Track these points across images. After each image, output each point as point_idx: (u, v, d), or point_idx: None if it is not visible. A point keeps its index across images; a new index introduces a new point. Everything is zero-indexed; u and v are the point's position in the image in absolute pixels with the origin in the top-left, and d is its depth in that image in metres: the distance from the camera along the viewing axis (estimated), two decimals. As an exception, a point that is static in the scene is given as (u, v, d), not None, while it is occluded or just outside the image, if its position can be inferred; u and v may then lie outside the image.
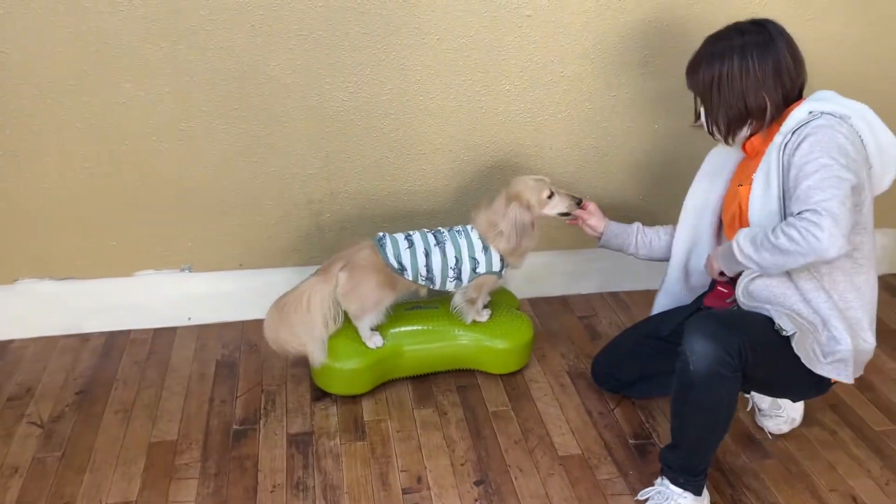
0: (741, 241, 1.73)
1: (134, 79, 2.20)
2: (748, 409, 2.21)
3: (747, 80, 1.75)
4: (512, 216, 2.11)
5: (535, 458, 2.04)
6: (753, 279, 1.80)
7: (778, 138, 1.73)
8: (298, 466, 2.00)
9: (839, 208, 1.57)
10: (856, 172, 1.63)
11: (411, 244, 2.16)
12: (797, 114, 1.73)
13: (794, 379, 1.82)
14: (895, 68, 2.60)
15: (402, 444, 2.09)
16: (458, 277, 2.20)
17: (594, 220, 2.21)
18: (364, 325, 2.19)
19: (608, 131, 2.53)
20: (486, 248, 2.18)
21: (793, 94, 1.79)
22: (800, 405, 2.14)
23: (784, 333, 1.74)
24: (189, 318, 2.60)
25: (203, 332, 2.57)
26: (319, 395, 2.27)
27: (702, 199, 2.07)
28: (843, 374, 1.77)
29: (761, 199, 1.76)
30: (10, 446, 2.05)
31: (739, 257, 1.73)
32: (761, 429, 2.15)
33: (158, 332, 2.56)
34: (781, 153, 1.70)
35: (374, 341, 2.20)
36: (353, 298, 2.16)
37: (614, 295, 2.82)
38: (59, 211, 2.36)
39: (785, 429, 2.13)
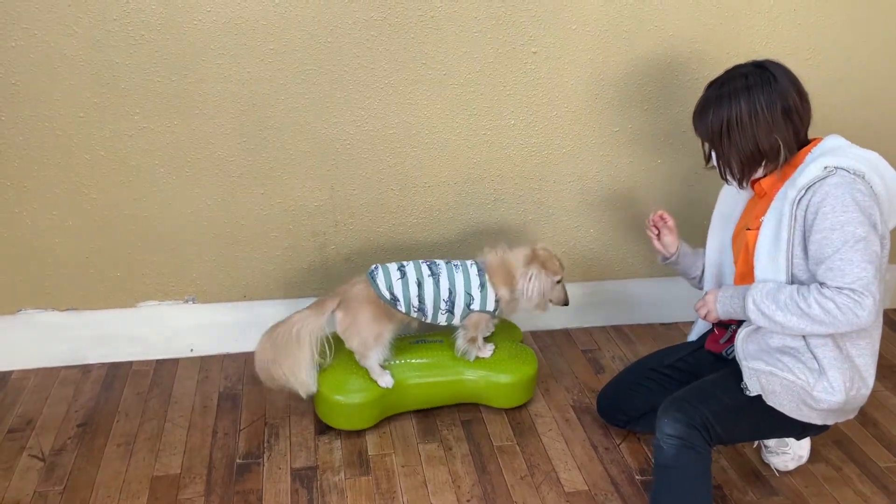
0: (758, 299, 1.73)
1: (143, 111, 2.22)
2: (754, 447, 2.20)
3: (757, 123, 1.74)
4: (535, 281, 2.14)
5: (541, 494, 2.03)
6: (757, 328, 1.81)
7: (791, 193, 1.71)
8: (303, 502, 1.98)
9: (876, 284, 1.61)
10: (879, 232, 1.65)
11: (403, 275, 2.16)
12: (812, 169, 1.70)
13: (784, 426, 1.85)
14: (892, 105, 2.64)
15: (408, 479, 2.07)
16: (451, 311, 2.19)
17: (671, 237, 2.14)
18: (372, 363, 2.18)
19: (612, 166, 2.56)
20: (482, 286, 2.18)
21: (803, 133, 1.79)
22: (806, 443, 2.14)
23: (748, 393, 1.81)
24: (191, 350, 2.59)
25: (205, 364, 2.56)
26: (323, 428, 2.25)
27: (718, 241, 2.06)
28: (828, 420, 1.82)
29: (769, 249, 1.75)
30: (10, 480, 2.03)
31: (752, 314, 1.74)
32: (768, 465, 2.14)
33: (160, 364, 2.55)
34: (795, 208, 1.69)
35: (385, 381, 2.19)
36: (352, 334, 2.16)
37: (617, 329, 2.83)
38: (64, 241, 2.36)
39: (791, 466, 2.12)
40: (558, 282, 2.20)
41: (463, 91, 2.36)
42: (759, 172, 1.82)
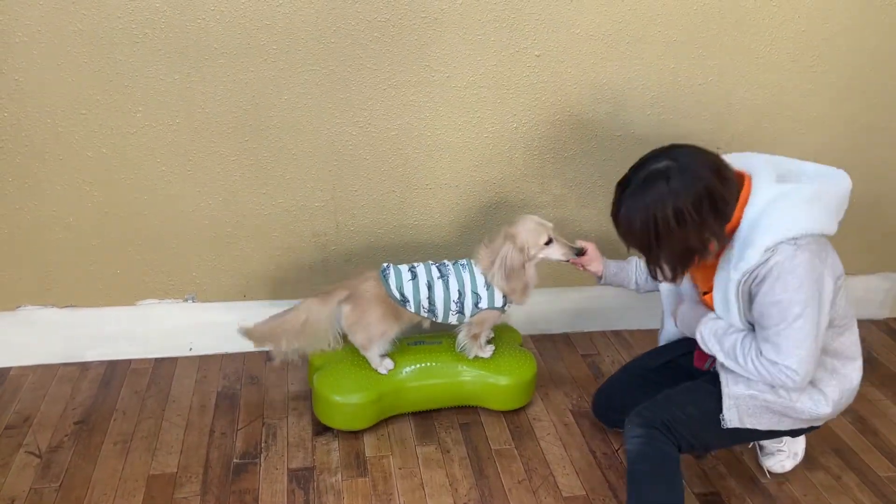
0: (706, 335, 1.83)
1: (146, 109, 2.22)
2: (749, 447, 2.20)
3: (685, 227, 1.65)
4: (502, 256, 2.12)
5: (539, 499, 2.02)
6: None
7: (734, 275, 1.69)
8: (299, 502, 1.98)
9: (810, 361, 1.68)
10: (820, 294, 1.67)
11: (414, 276, 2.17)
12: (752, 254, 1.65)
13: (765, 433, 1.88)
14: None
15: (405, 481, 2.06)
16: (461, 311, 2.20)
17: (594, 265, 2.20)
18: (372, 354, 2.21)
19: (614, 171, 2.53)
20: (488, 284, 2.18)
21: (731, 213, 1.69)
22: (801, 439, 2.14)
23: (724, 425, 1.83)
24: (190, 349, 2.59)
25: (204, 363, 2.55)
26: (321, 429, 2.25)
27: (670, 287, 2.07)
28: (815, 423, 1.90)
29: (723, 314, 1.80)
30: (6, 476, 2.03)
31: (701, 345, 1.84)
32: (766, 473, 2.13)
33: (159, 362, 2.54)
34: (739, 289, 1.70)
35: (385, 365, 2.22)
36: (358, 329, 2.17)
37: (617, 333, 2.82)
38: (64, 238, 2.35)
39: (788, 466, 2.12)
40: (547, 243, 2.14)
41: (466, 93, 2.35)
42: (694, 264, 1.76)
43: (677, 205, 1.63)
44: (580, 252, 2.17)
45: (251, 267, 2.50)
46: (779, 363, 1.68)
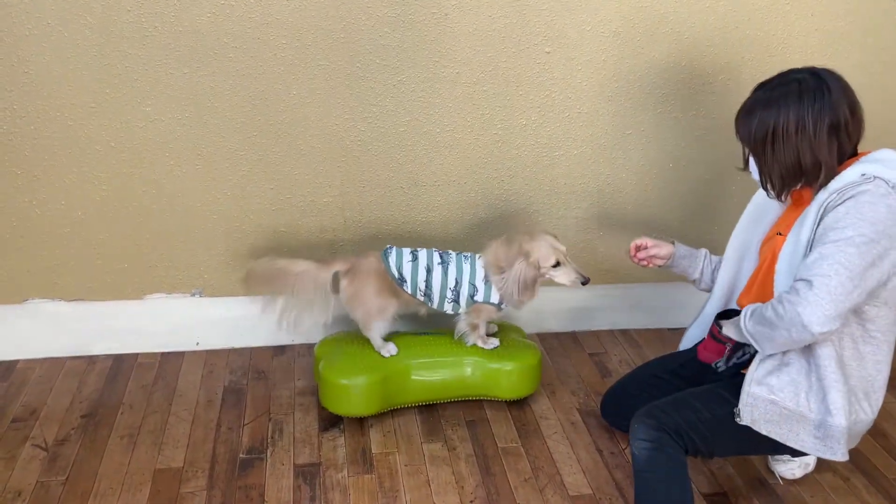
0: (747, 314, 1.71)
1: (155, 103, 2.22)
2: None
3: (802, 138, 1.65)
4: (516, 271, 2.13)
5: (545, 498, 2.01)
6: (762, 362, 1.76)
7: (822, 196, 1.65)
8: (305, 498, 1.98)
9: (838, 289, 1.53)
10: (887, 248, 1.56)
11: (415, 258, 2.20)
12: (848, 174, 1.64)
13: (774, 446, 1.80)
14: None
15: (411, 478, 2.06)
16: (456, 300, 2.22)
17: (663, 249, 2.11)
18: (374, 335, 2.24)
19: (623, 168, 2.54)
20: (486, 279, 2.20)
21: (848, 152, 1.70)
22: (814, 451, 2.11)
23: (738, 421, 1.76)
24: (197, 343, 2.59)
25: (211, 358, 2.55)
26: (327, 425, 2.24)
27: (743, 241, 2.01)
28: (836, 451, 1.73)
29: (790, 253, 1.71)
30: (13, 469, 2.03)
31: (743, 329, 1.72)
32: (775, 476, 2.12)
33: (166, 357, 2.54)
34: (821, 211, 1.63)
35: (388, 349, 2.25)
36: (356, 304, 2.22)
37: (624, 332, 2.81)
38: (73, 232, 2.36)
39: (798, 474, 2.10)
40: (555, 266, 2.15)
41: (475, 90, 2.35)
42: (797, 186, 1.74)
43: (801, 112, 1.64)
44: (585, 282, 2.17)
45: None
46: (803, 278, 1.56)
